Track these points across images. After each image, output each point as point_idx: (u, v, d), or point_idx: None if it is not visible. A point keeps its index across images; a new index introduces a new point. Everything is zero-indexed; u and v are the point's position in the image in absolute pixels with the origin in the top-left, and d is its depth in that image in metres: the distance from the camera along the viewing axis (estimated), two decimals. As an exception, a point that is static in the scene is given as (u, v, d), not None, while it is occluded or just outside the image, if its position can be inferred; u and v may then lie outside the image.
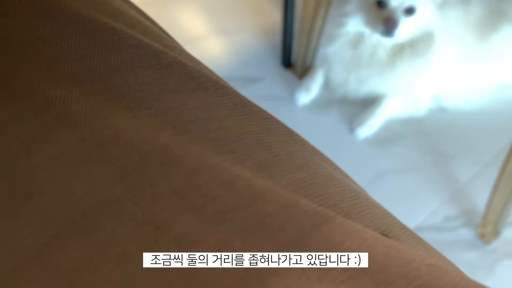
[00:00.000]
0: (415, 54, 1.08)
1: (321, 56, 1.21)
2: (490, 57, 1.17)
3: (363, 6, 1.07)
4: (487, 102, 1.23)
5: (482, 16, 1.15)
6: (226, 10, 1.44)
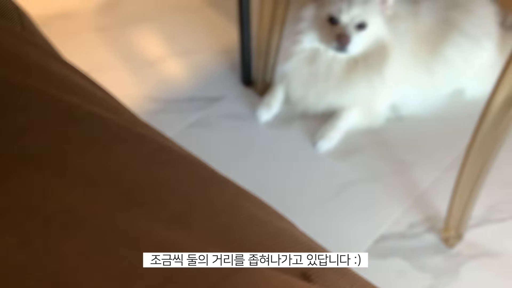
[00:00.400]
0: (369, 67, 1.11)
1: (279, 73, 1.23)
2: (442, 66, 1.20)
3: (316, 23, 1.10)
4: (442, 109, 1.27)
5: (431, 26, 1.19)
6: (183, 32, 1.44)
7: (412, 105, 1.25)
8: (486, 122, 0.85)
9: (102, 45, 1.39)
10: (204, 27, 1.46)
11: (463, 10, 1.20)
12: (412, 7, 1.17)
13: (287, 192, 1.11)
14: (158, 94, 1.28)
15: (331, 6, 1.06)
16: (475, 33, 1.20)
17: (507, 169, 1.18)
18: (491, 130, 0.85)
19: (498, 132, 0.85)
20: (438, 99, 1.27)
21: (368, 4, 1.05)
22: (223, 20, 1.47)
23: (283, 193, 1.11)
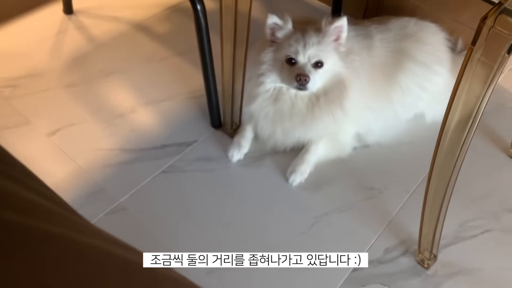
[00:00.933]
0: (330, 101, 1.15)
1: (247, 114, 1.26)
2: (399, 93, 1.26)
3: (276, 65, 1.14)
4: (405, 133, 1.32)
5: (386, 57, 1.25)
6: (151, 81, 1.47)
7: (376, 133, 1.29)
8: (443, 144, 0.88)
9: (71, 101, 1.40)
10: (172, 75, 1.49)
11: (414, 39, 1.27)
12: (365, 41, 1.23)
13: (264, 229, 1.12)
14: (130, 144, 1.30)
15: (288, 48, 1.11)
16: (427, 60, 1.27)
17: (473, 186, 1.23)
18: (449, 150, 0.88)
19: (456, 152, 0.88)
20: (400, 124, 1.32)
21: (322, 44, 1.10)
22: (189, 67, 1.51)
23: (261, 229, 1.12)
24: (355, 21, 1.35)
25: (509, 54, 0.70)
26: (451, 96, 0.80)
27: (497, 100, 1.44)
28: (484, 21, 0.68)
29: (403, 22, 1.30)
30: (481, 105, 0.78)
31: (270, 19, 1.12)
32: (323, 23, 1.12)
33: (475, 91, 0.77)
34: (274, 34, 1.14)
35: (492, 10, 0.68)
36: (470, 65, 0.73)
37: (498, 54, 0.69)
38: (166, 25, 1.67)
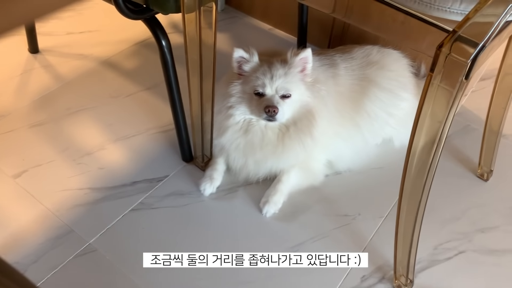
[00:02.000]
0: (299, 130, 1.16)
1: (218, 146, 1.25)
2: (366, 120, 1.28)
3: (245, 98, 1.15)
4: (375, 158, 1.34)
5: (351, 85, 1.27)
6: (120, 117, 1.45)
7: (346, 160, 1.30)
8: (411, 168, 0.88)
9: (38, 141, 1.37)
10: (141, 110, 1.48)
11: (378, 66, 1.30)
12: (330, 70, 1.25)
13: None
14: (100, 183, 1.26)
15: (255, 81, 1.12)
16: (391, 86, 1.30)
17: (444, 208, 1.24)
18: (417, 174, 0.88)
19: (424, 175, 0.88)
20: (369, 150, 1.33)
21: (289, 75, 1.12)
22: (158, 101, 1.50)
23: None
24: (320, 50, 1.38)
25: (467, 80, 0.72)
26: (414, 121, 0.81)
27: (462, 122, 1.48)
28: (440, 49, 0.70)
29: (367, 50, 1.33)
30: (445, 128, 0.80)
31: (236, 53, 1.14)
32: (289, 54, 1.14)
33: (438, 116, 0.78)
34: (241, 67, 1.15)
35: (447, 38, 0.71)
36: (430, 91, 0.75)
37: (456, 80, 0.71)
38: (133, 60, 1.67)
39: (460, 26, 0.70)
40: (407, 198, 0.92)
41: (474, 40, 0.68)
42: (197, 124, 1.20)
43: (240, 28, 1.83)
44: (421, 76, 1.51)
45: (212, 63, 1.06)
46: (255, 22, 1.86)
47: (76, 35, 1.76)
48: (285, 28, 1.81)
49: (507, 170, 1.34)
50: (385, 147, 1.36)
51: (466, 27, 0.69)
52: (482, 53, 0.69)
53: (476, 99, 1.56)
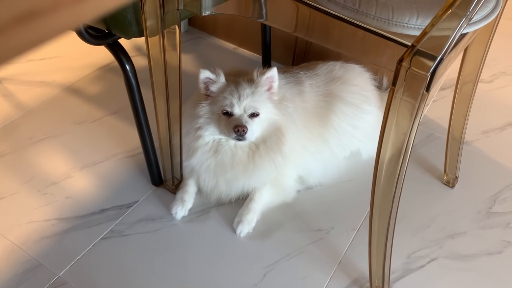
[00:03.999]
0: (269, 148, 1.16)
1: (188, 168, 1.24)
2: (333, 134, 1.30)
3: (213, 118, 1.14)
4: (345, 172, 1.36)
5: (317, 101, 1.29)
6: (87, 143, 1.42)
7: (316, 174, 1.31)
8: (379, 179, 0.90)
9: (0, 172, 1.32)
10: (107, 136, 1.45)
11: (341, 81, 1.33)
12: (296, 87, 1.27)
13: (216, 285, 1.08)
14: (67, 212, 1.23)
15: (223, 101, 1.12)
16: (355, 100, 1.32)
17: (414, 217, 1.26)
18: (386, 184, 0.90)
19: (392, 185, 0.90)
20: (339, 163, 1.35)
21: (256, 94, 1.12)
22: (124, 125, 1.48)
23: (212, 286, 1.08)
24: (285, 68, 1.40)
25: (428, 91, 0.74)
26: (380, 134, 0.83)
27: (426, 131, 1.52)
28: (400, 63, 0.72)
29: (330, 66, 1.36)
30: (410, 138, 0.82)
31: (202, 74, 1.14)
32: (255, 74, 1.15)
33: (402, 127, 0.80)
34: (208, 88, 1.15)
35: (407, 52, 0.73)
36: (393, 104, 0.77)
37: (417, 92, 0.74)
38: (97, 85, 1.65)
39: (418, 40, 0.72)
40: (378, 209, 0.93)
41: (432, 53, 0.71)
42: (166, 146, 1.19)
43: (204, 49, 1.83)
44: (383, 88, 1.55)
45: (178, 84, 1.06)
46: (220, 42, 1.88)
47: (36, 62, 1.72)
48: (249, 47, 1.83)
49: (472, 176, 1.38)
50: (354, 160, 1.39)
51: (424, 41, 0.72)
52: (440, 66, 0.72)
53: (437, 108, 1.61)
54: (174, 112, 1.11)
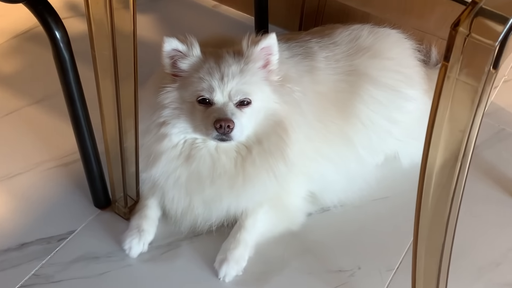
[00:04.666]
0: (267, 152, 1.16)
1: (148, 182, 1.24)
2: (360, 131, 1.30)
3: (184, 109, 1.14)
4: (376, 186, 1.36)
5: (335, 82, 1.30)
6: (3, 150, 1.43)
7: (336, 189, 1.31)
8: (427, 196, 0.90)
9: None
10: (28, 135, 1.46)
11: (371, 54, 1.34)
12: (305, 62, 1.28)
13: None
14: (-31, 248, 1.23)
15: (198, 83, 1.11)
16: (391, 81, 1.33)
17: (478, 252, 1.27)
18: (437, 204, 0.90)
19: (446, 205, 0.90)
20: (367, 174, 1.35)
21: (246, 73, 1.12)
22: (54, 120, 1.49)
23: None
24: (288, 35, 1.41)
25: (496, 69, 0.75)
26: (427, 130, 0.83)
27: (494, 125, 1.53)
28: (456, 28, 0.73)
29: (354, 31, 1.36)
30: (470, 137, 0.82)
31: (167, 43, 1.13)
32: (244, 43, 1.15)
33: (459, 121, 0.81)
34: (176, 65, 1.15)
35: (465, 12, 0.73)
36: (446, 87, 0.78)
37: (480, 70, 0.74)
38: (13, 61, 1.65)
39: (481, -6, 0.73)
40: (425, 239, 0.94)
41: (502, 13, 0.71)
42: (114, 151, 1.19)
43: (171, 7, 1.83)
44: (432, 64, 1.56)
45: (132, 60, 1.06)
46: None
47: None
48: (236, 3, 1.83)
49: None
50: (390, 168, 1.39)
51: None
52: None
53: (510, 93, 1.62)
54: (127, 101, 1.11)
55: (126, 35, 1.03)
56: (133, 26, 1.02)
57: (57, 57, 1.11)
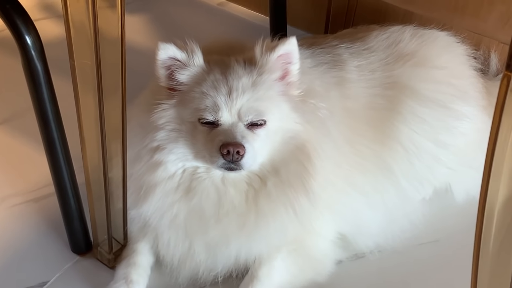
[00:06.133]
0: (285, 184, 1.16)
1: (137, 221, 1.25)
2: (401, 157, 1.30)
3: (183, 130, 1.14)
4: (423, 227, 1.35)
5: (369, 97, 1.30)
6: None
7: (372, 231, 1.31)
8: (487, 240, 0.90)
9: None
10: None
11: (415, 61, 1.35)
12: (332, 73, 1.28)
13: None
14: None
15: (200, 100, 1.12)
16: (441, 95, 1.33)
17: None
18: (499, 250, 0.90)
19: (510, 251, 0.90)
20: (412, 211, 1.35)
21: (259, 87, 1.12)
22: (23, 144, 1.50)
23: None
24: (312, 38, 1.42)
25: None
26: (487, 156, 0.83)
27: None
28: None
29: (393, 34, 1.37)
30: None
31: (162, 50, 1.14)
32: (258, 50, 1.15)
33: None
34: (173, 76, 1.16)
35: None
36: (510, 103, 0.77)
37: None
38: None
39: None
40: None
41: None
42: (97, 182, 1.20)
43: (166, 6, 1.85)
44: (491, 74, 1.56)
45: (120, 70, 1.07)
46: (193, -6, 1.91)
47: None
48: (248, 0, 1.85)
49: None
50: (439, 204, 1.39)
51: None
52: None
53: None
54: (113, 120, 1.12)
55: (112, 40, 1.04)
56: (120, 29, 1.03)
57: (28, 68, 1.11)
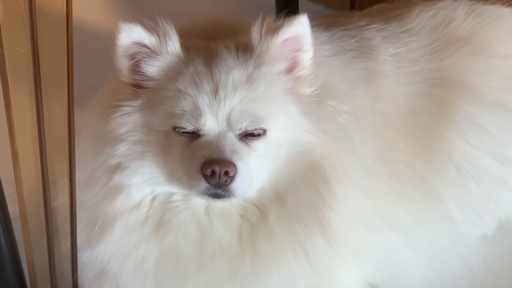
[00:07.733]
0: (294, 216, 1.14)
1: (90, 268, 1.24)
2: (453, 179, 1.28)
3: (152, 143, 1.12)
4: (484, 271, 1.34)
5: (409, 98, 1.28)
6: None
7: (413, 279, 1.30)
8: None
9: None
10: None
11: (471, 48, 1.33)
12: (359, 65, 1.26)
13: None
14: None
15: (176, 101, 1.09)
16: (507, 95, 1.31)
17: None
18: None
19: None
20: (467, 253, 1.34)
21: (257, 83, 1.11)
22: None
23: None
24: (332, 17, 1.40)
25: None
26: None
27: None
28: None
29: (441, 11, 1.36)
30: None
31: (125, 33, 1.12)
32: (255, 32, 1.13)
33: None
34: (139, 68, 1.14)
35: None
36: None
37: None
38: None
39: None
40: None
41: None
42: (36, 215, 1.18)
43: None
44: None
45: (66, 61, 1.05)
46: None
47: None
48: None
49: None
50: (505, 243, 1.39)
51: None
52: None
53: None
54: (56, 130, 1.10)
55: (55, 19, 1.01)
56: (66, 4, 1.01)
57: None
